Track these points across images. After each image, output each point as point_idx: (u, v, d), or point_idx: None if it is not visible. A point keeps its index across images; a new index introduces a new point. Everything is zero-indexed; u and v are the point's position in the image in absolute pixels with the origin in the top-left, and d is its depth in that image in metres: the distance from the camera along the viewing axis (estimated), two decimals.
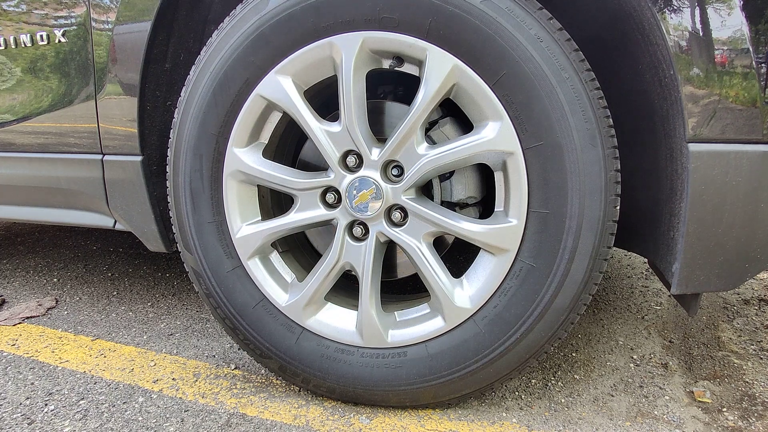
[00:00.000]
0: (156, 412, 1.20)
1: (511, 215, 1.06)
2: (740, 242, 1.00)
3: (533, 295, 1.05)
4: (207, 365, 1.40)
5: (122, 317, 1.69)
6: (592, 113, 0.98)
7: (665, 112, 1.04)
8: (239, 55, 1.11)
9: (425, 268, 1.11)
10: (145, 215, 1.36)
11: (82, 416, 1.18)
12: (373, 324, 1.15)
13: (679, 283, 1.03)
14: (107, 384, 1.31)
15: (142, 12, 1.23)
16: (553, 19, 0.99)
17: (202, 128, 1.16)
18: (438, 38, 1.01)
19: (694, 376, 1.37)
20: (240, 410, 1.20)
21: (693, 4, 0.95)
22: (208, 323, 1.65)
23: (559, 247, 1.03)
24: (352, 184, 1.11)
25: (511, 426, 1.17)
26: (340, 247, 1.15)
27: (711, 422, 1.18)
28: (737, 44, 0.94)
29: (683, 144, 0.98)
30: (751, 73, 0.94)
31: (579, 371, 1.38)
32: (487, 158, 1.05)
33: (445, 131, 1.17)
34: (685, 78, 0.96)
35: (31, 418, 1.17)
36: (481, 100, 1.03)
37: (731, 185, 0.97)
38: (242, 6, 1.11)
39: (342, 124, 1.09)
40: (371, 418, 1.19)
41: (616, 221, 1.03)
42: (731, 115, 0.95)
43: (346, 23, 1.05)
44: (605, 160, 0.99)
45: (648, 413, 1.21)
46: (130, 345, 1.51)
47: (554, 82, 0.98)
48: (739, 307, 1.78)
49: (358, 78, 1.07)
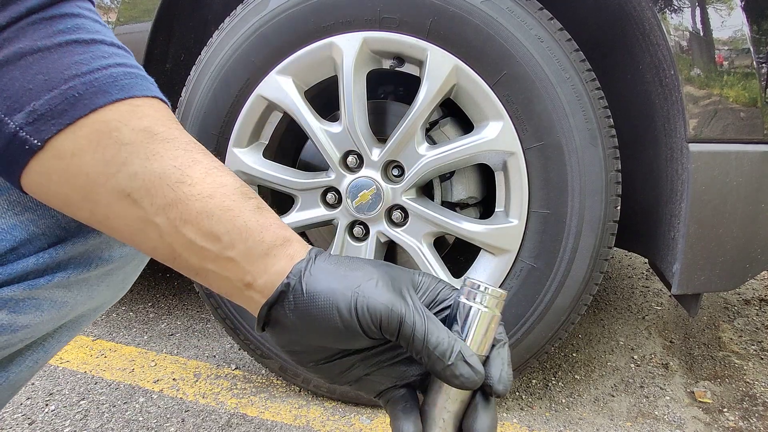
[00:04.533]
0: (156, 412, 1.20)
1: (511, 215, 1.06)
2: (741, 242, 1.00)
3: (534, 295, 1.05)
4: (207, 365, 1.40)
5: (123, 317, 1.69)
6: (592, 113, 0.98)
7: (666, 112, 1.04)
8: (240, 55, 1.11)
9: (426, 268, 1.11)
10: None
11: (82, 416, 1.18)
12: None
13: (679, 283, 1.03)
14: (108, 384, 1.31)
15: (142, 12, 1.23)
16: (553, 20, 0.99)
17: (202, 128, 1.16)
18: (438, 38, 1.01)
19: (694, 376, 1.37)
20: (240, 410, 1.20)
21: (693, 4, 0.95)
22: (208, 323, 1.65)
23: (559, 248, 1.02)
24: (352, 184, 1.11)
25: (511, 426, 1.17)
26: (340, 247, 1.15)
27: (712, 422, 1.18)
28: (738, 44, 0.94)
29: (684, 144, 0.98)
30: (751, 73, 0.94)
31: (579, 371, 1.38)
32: (487, 158, 1.05)
33: (446, 131, 1.17)
34: (686, 78, 0.96)
35: (32, 418, 1.17)
36: (481, 100, 1.02)
37: (732, 185, 0.97)
38: (243, 6, 1.11)
39: (342, 124, 1.09)
40: (372, 418, 1.19)
41: (616, 221, 1.02)
42: (732, 115, 0.95)
43: (347, 23, 1.04)
44: (606, 160, 0.99)
45: (649, 413, 1.21)
46: (131, 345, 1.51)
47: (555, 82, 0.98)
48: (740, 308, 1.77)
49: (358, 78, 1.07)
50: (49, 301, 0.51)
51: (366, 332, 0.41)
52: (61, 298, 0.52)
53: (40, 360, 0.56)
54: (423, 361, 0.41)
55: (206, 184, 0.41)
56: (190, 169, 0.41)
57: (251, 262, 0.42)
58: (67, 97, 0.38)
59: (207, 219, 0.41)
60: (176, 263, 0.43)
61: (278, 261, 0.42)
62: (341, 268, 0.43)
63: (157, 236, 0.41)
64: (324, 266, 0.42)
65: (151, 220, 0.40)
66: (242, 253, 0.41)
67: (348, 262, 0.44)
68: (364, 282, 0.41)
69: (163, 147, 0.41)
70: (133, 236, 0.42)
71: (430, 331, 0.40)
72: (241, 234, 0.41)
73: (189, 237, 0.41)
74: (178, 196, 0.40)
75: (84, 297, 0.54)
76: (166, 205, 0.40)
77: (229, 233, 0.41)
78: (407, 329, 0.40)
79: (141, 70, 0.43)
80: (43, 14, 0.39)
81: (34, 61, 0.38)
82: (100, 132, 0.39)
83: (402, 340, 0.41)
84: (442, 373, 0.41)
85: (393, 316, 0.40)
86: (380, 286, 0.41)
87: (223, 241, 0.41)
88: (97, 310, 0.60)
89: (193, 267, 0.43)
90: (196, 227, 0.41)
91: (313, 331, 0.42)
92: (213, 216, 0.41)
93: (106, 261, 0.53)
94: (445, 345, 0.40)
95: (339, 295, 0.41)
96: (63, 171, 0.40)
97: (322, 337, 0.42)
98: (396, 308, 0.40)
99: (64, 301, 0.52)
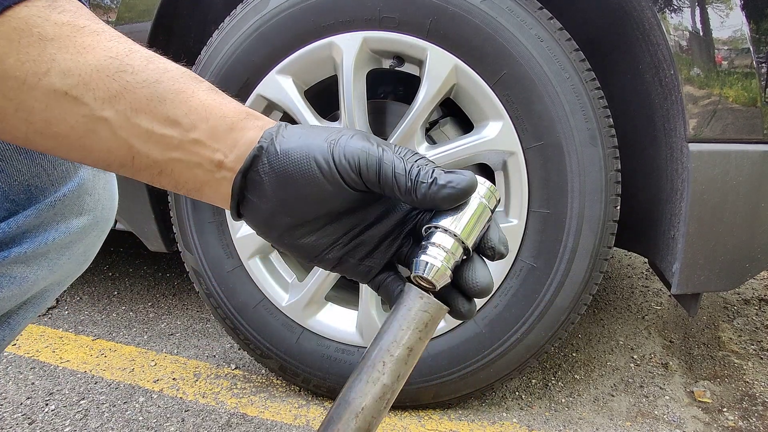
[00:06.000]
0: (156, 411, 1.20)
1: (511, 215, 1.06)
2: (741, 242, 1.00)
3: (533, 295, 1.05)
4: (207, 365, 1.40)
5: (123, 317, 1.69)
6: (592, 113, 0.98)
7: (666, 111, 1.04)
8: (239, 55, 1.11)
9: None
10: (146, 215, 1.36)
11: (82, 416, 1.18)
12: (374, 324, 1.15)
13: (679, 282, 1.03)
14: (108, 384, 1.31)
15: (142, 12, 1.23)
16: (553, 19, 0.99)
17: None
18: (438, 38, 1.01)
19: (694, 376, 1.37)
20: (240, 410, 1.20)
21: (693, 4, 0.95)
22: (208, 323, 1.65)
23: (559, 247, 1.03)
24: None
25: (511, 426, 1.17)
26: None
27: (711, 422, 1.18)
28: (737, 44, 0.94)
29: (684, 144, 0.98)
30: (751, 72, 0.94)
31: (579, 371, 1.38)
32: (487, 158, 1.05)
33: (446, 131, 1.17)
34: (686, 78, 0.96)
35: (32, 417, 1.17)
36: (481, 99, 1.03)
37: (732, 185, 0.97)
38: (242, 6, 1.11)
39: (342, 123, 1.09)
40: None
41: (616, 221, 1.03)
42: (732, 114, 0.95)
43: (347, 23, 1.05)
44: (605, 159, 0.99)
45: (648, 413, 1.21)
46: (131, 345, 1.51)
47: (555, 81, 0.98)
48: (740, 307, 1.77)
49: (358, 78, 1.07)
50: (8, 277, 0.49)
51: (345, 180, 0.40)
52: (20, 274, 0.50)
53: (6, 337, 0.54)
54: (408, 196, 0.40)
55: (150, 71, 0.38)
56: (128, 57, 0.38)
57: (218, 139, 0.40)
58: None
59: (160, 104, 0.38)
60: (137, 163, 0.40)
61: (247, 132, 0.40)
62: (314, 129, 0.42)
63: (110, 133, 0.38)
64: (295, 130, 0.41)
65: (99, 115, 0.37)
66: (206, 132, 0.39)
67: (320, 126, 0.43)
68: (337, 135, 0.41)
69: (93, 39, 0.38)
70: (82, 139, 0.38)
71: (409, 165, 0.40)
72: (200, 114, 0.39)
73: (145, 126, 0.38)
74: (122, 86, 0.37)
75: (45, 271, 0.53)
76: (111, 97, 0.37)
77: (187, 115, 0.39)
78: (387, 168, 0.39)
79: None
80: None
81: None
82: (20, 30, 0.35)
83: (383, 182, 0.40)
84: (429, 194, 0.39)
85: (371, 159, 0.39)
86: (355, 137, 0.41)
87: (182, 123, 0.39)
88: (61, 284, 0.59)
89: (157, 162, 0.40)
90: (150, 115, 0.38)
91: (292, 191, 0.40)
92: (165, 100, 0.38)
93: (63, 233, 0.51)
94: (426, 168, 0.40)
95: (315, 147, 0.40)
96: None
97: (301, 199, 0.41)
98: (373, 152, 0.40)
99: (24, 277, 0.51)
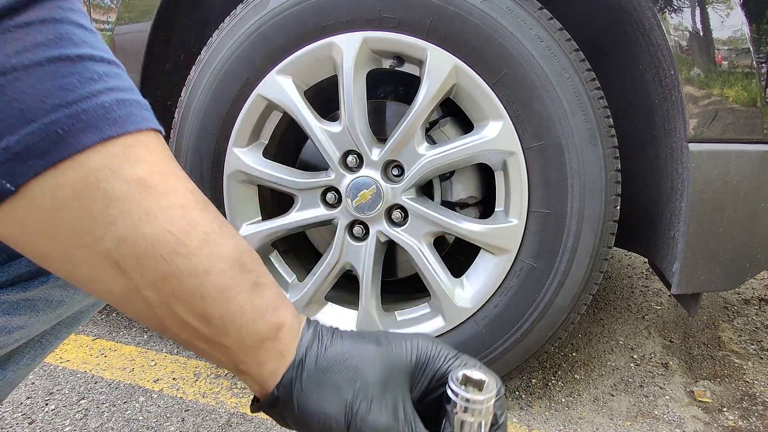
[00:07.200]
0: (157, 411, 1.20)
1: (511, 215, 1.06)
2: (741, 242, 1.00)
3: (533, 295, 1.05)
4: (207, 365, 1.40)
5: (123, 317, 1.69)
6: (592, 113, 0.98)
7: (666, 111, 1.04)
8: (239, 54, 1.11)
9: (425, 268, 1.11)
10: None
11: (82, 416, 1.18)
12: (374, 324, 1.15)
13: (679, 282, 1.04)
14: (108, 383, 1.31)
15: (142, 12, 1.23)
16: (553, 19, 0.99)
17: (202, 128, 1.16)
18: (438, 38, 1.01)
19: (694, 375, 1.37)
20: (240, 410, 1.21)
21: (693, 4, 0.95)
22: None
23: (559, 247, 1.03)
24: (352, 183, 1.11)
25: (511, 425, 1.17)
26: (340, 246, 1.15)
27: (711, 422, 1.18)
28: (738, 44, 0.94)
29: (684, 144, 0.98)
30: (751, 72, 0.94)
31: (579, 371, 1.38)
32: (487, 158, 1.05)
33: (446, 131, 1.17)
34: (686, 78, 0.96)
35: (32, 417, 1.17)
36: (481, 99, 1.02)
37: (732, 185, 0.97)
38: (243, 6, 1.11)
39: (342, 123, 1.09)
40: None
41: (616, 221, 1.03)
42: (732, 114, 0.95)
43: (347, 23, 1.04)
44: (605, 159, 0.99)
45: (648, 413, 1.21)
46: (131, 344, 1.51)
47: (555, 81, 0.98)
48: (740, 307, 1.78)
49: (358, 78, 1.07)
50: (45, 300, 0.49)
51: None
52: (57, 297, 0.51)
53: (38, 357, 0.55)
54: None
55: (203, 255, 0.38)
56: (187, 235, 0.37)
57: (245, 353, 0.41)
58: (48, 133, 0.32)
59: (201, 301, 0.38)
60: (165, 334, 0.41)
61: (270, 360, 0.42)
62: (332, 375, 0.42)
63: (146, 309, 0.38)
64: (314, 375, 0.42)
65: (140, 293, 0.37)
66: (235, 341, 0.40)
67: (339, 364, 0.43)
68: (356, 402, 0.41)
69: (158, 204, 0.36)
70: (117, 303, 0.39)
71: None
72: (236, 321, 0.39)
73: (181, 316, 0.38)
74: (171, 270, 0.36)
75: (81, 294, 0.53)
76: (158, 279, 0.36)
77: (222, 318, 0.39)
78: None
79: (134, 93, 0.38)
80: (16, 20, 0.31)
81: (7, 84, 0.31)
82: (87, 182, 0.33)
83: None
84: None
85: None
86: (374, 409, 0.41)
87: (215, 326, 0.39)
88: (95, 306, 0.59)
89: (183, 341, 0.41)
90: (189, 307, 0.38)
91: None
92: (208, 298, 0.38)
93: None
94: None
95: (332, 421, 0.41)
96: (40, 223, 0.34)
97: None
98: None
99: (60, 300, 0.51)
